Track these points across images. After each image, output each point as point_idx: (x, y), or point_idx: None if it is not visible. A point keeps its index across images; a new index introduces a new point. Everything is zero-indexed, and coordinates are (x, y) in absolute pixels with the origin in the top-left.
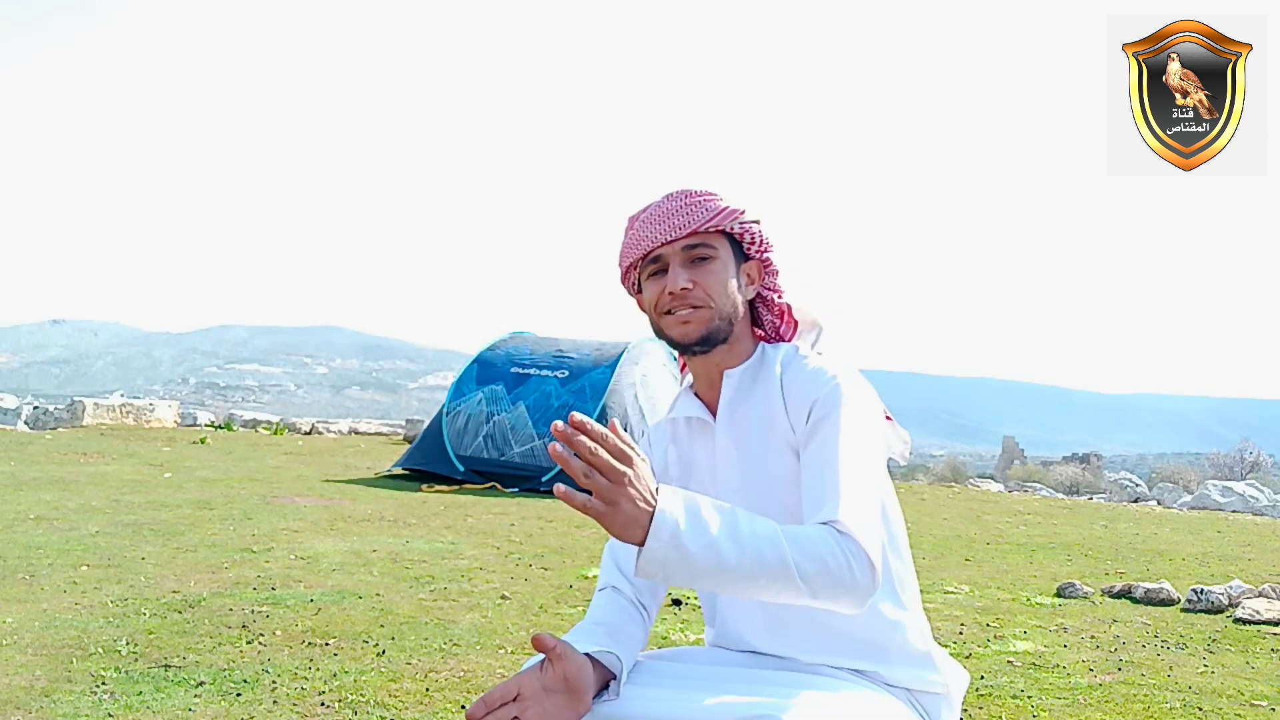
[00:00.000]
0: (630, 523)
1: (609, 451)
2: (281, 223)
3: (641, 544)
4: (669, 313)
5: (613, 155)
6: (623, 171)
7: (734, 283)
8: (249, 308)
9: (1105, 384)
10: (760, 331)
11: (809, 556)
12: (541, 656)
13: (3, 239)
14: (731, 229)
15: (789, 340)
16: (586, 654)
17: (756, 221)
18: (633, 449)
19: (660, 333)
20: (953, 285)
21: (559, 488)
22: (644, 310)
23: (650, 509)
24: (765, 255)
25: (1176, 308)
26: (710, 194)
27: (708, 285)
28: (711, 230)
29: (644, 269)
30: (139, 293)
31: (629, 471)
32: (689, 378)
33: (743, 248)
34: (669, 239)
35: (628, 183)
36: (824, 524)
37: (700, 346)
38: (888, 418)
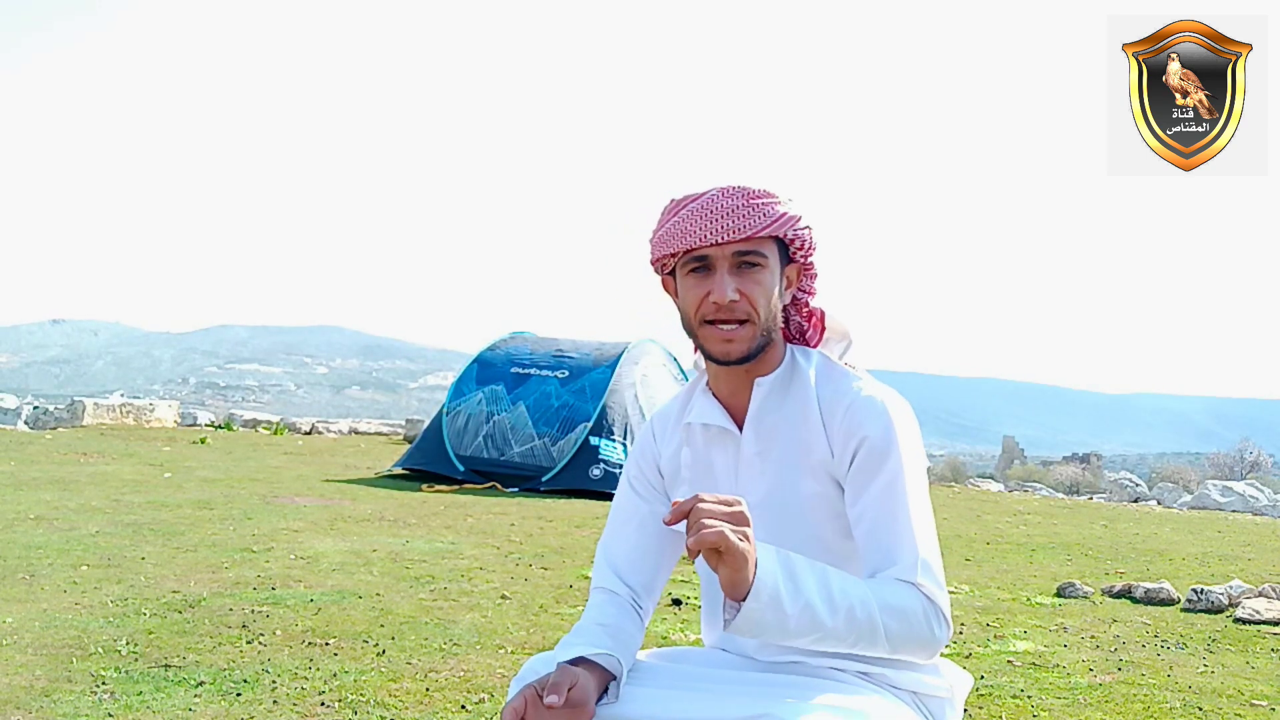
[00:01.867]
0: (741, 580)
1: (716, 501)
2: (281, 223)
3: (740, 601)
4: (710, 322)
5: (613, 155)
6: (623, 172)
7: (778, 288)
8: (249, 308)
9: (1105, 384)
10: (785, 330)
11: (895, 615)
12: (545, 661)
13: (3, 239)
14: (784, 235)
15: (814, 344)
16: (587, 657)
17: (809, 227)
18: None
19: (693, 334)
20: (953, 285)
21: (697, 541)
22: (669, 293)
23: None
24: (809, 259)
25: (1176, 308)
26: (769, 195)
27: (755, 298)
28: (764, 236)
29: (684, 263)
30: (139, 293)
31: (744, 510)
32: (702, 367)
33: (788, 251)
34: (721, 240)
35: (628, 183)
36: (907, 583)
37: (740, 363)
38: None
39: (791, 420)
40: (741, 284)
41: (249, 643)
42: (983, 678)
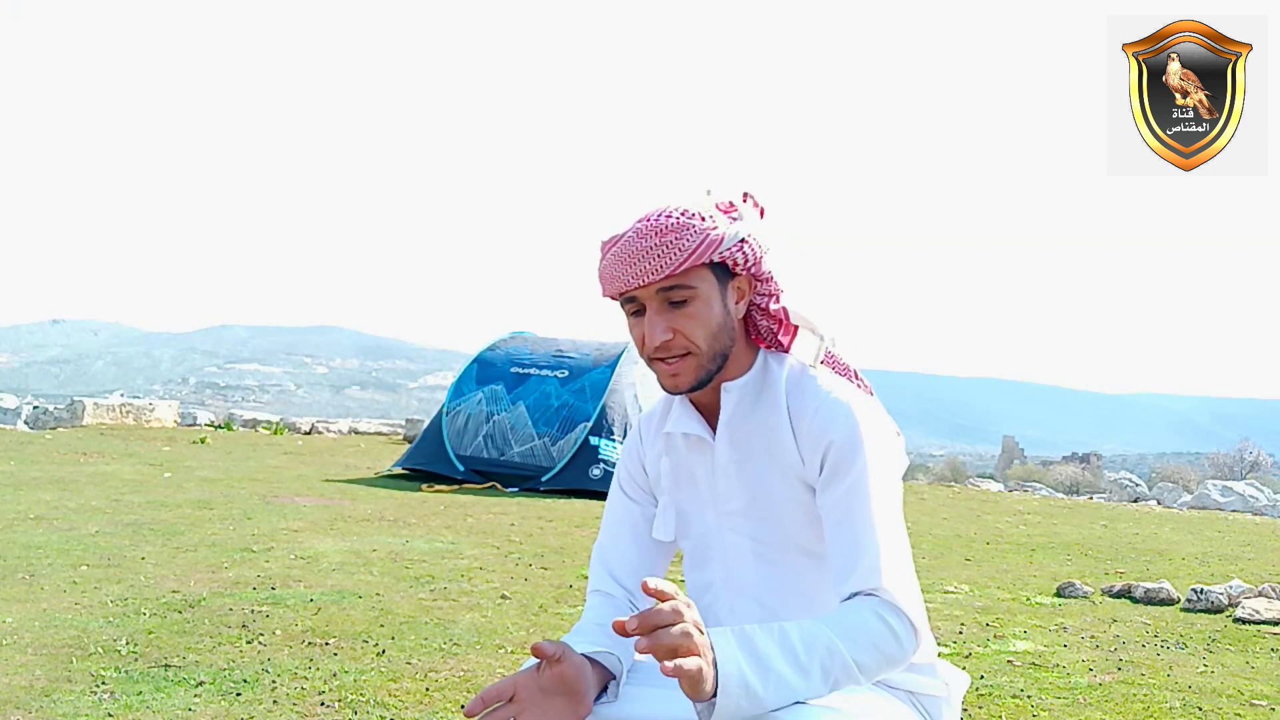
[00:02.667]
0: (702, 679)
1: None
2: (281, 223)
3: (710, 698)
4: (655, 359)
5: (613, 154)
6: (623, 171)
7: (720, 310)
8: (249, 308)
9: (1105, 384)
10: (757, 336)
11: (865, 649)
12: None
13: (3, 239)
14: (710, 260)
15: (788, 346)
16: (586, 655)
17: (742, 241)
18: (676, 596)
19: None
20: (953, 285)
21: (669, 666)
22: None
23: (711, 660)
24: (754, 270)
25: (1176, 308)
26: (686, 225)
27: (689, 332)
28: (687, 269)
29: (621, 303)
30: (139, 293)
31: (692, 624)
32: None
33: (728, 268)
34: (642, 284)
35: (628, 182)
36: (868, 594)
37: (694, 390)
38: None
39: (763, 428)
40: (673, 321)
41: (249, 643)
42: (982, 678)
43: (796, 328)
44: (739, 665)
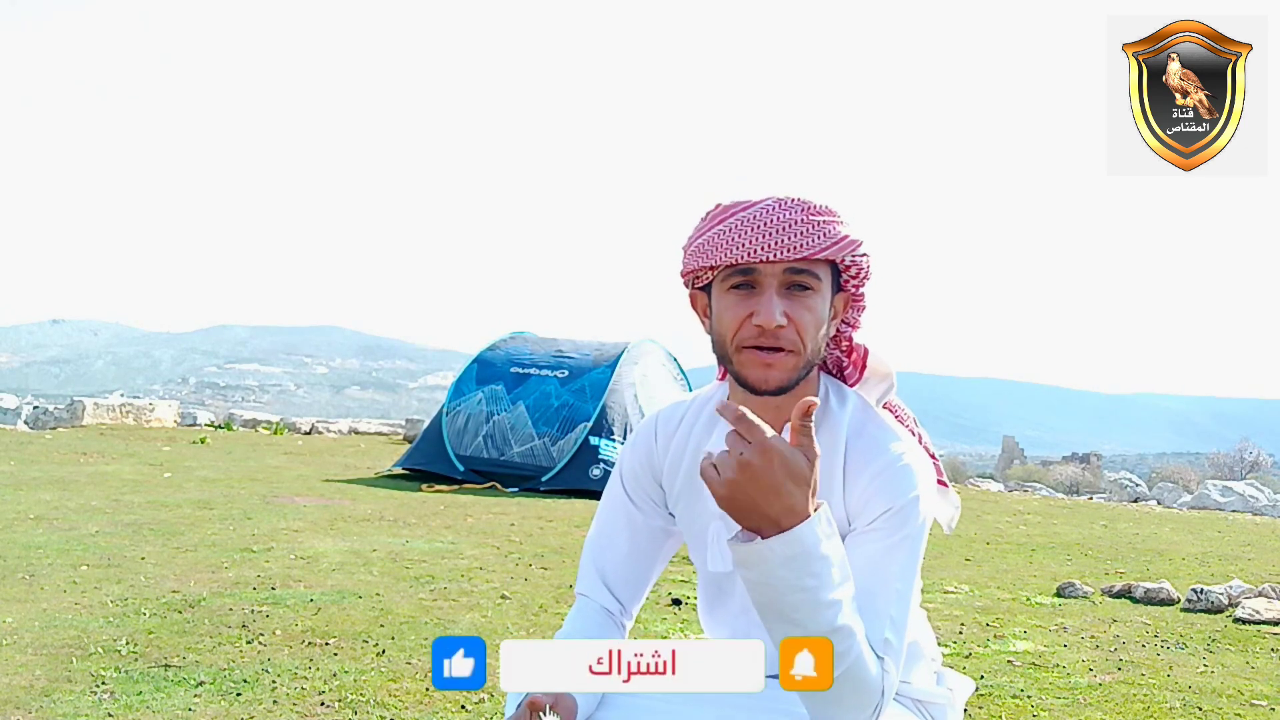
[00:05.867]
0: (787, 511)
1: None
2: (281, 222)
3: (766, 535)
4: (750, 347)
5: (613, 155)
6: (622, 172)
7: (826, 316)
8: (249, 307)
9: (1105, 384)
10: (822, 364)
11: (856, 671)
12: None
13: (3, 239)
14: (841, 260)
15: (853, 384)
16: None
17: (868, 255)
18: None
19: (727, 360)
20: (953, 284)
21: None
22: (697, 311)
23: (806, 511)
24: (859, 290)
25: (1176, 308)
26: (830, 213)
27: (803, 325)
28: (821, 258)
29: (725, 277)
30: (139, 293)
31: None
32: (720, 389)
33: (840, 279)
34: (774, 258)
35: (628, 183)
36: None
37: (775, 394)
38: (942, 483)
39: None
40: (790, 308)
41: (249, 643)
42: (983, 678)
43: (866, 367)
44: (816, 539)
